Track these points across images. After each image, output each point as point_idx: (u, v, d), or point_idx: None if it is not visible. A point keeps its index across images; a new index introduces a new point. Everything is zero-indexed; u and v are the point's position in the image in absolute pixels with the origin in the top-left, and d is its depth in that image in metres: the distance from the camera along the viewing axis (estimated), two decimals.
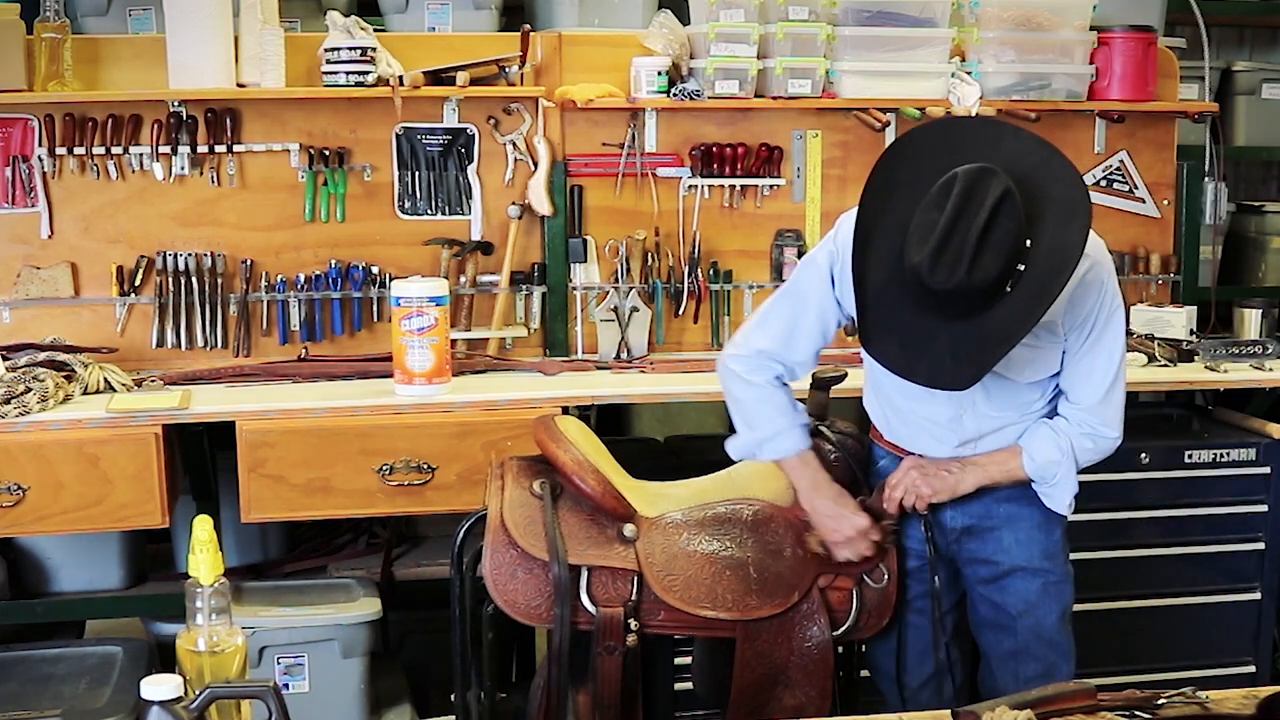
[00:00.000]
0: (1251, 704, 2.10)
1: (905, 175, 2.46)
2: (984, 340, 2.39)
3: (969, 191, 2.33)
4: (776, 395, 2.70)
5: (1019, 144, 2.48)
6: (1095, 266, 2.55)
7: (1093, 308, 2.56)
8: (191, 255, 3.75)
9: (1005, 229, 2.32)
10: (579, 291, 3.94)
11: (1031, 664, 2.73)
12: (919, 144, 2.52)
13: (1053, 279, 2.37)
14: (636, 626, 2.67)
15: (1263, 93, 4.74)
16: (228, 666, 1.95)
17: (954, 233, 2.31)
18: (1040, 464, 2.65)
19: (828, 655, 2.70)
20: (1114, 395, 2.64)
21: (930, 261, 2.33)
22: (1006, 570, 2.74)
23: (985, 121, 2.69)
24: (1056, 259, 2.37)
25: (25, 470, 3.18)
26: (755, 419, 2.72)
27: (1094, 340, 2.59)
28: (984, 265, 2.32)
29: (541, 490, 2.74)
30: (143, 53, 3.67)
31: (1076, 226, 2.39)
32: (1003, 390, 2.63)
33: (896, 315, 2.44)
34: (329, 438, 3.32)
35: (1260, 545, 3.75)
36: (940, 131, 2.57)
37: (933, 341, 2.41)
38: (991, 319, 2.38)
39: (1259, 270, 4.65)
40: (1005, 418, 2.67)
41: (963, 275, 2.31)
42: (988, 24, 3.92)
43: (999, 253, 2.32)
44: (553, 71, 3.90)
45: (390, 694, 3.65)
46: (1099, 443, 2.66)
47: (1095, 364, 2.60)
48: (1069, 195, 2.42)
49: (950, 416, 2.67)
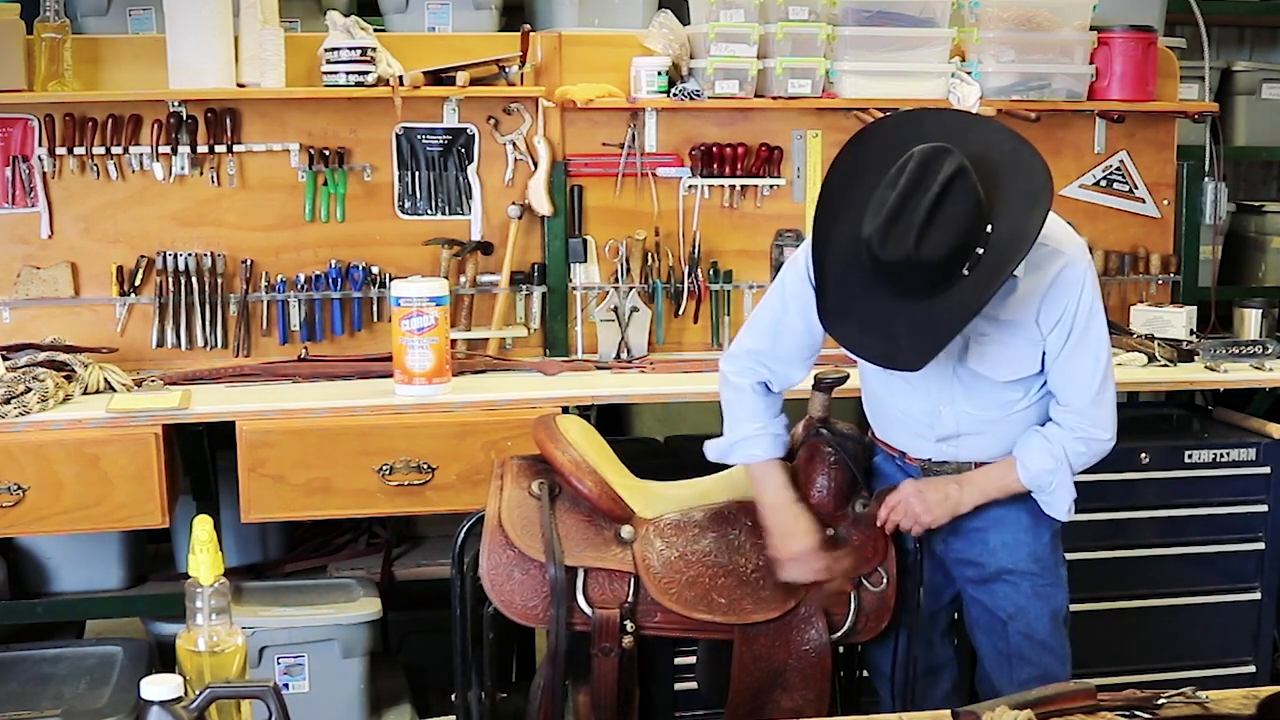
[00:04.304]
0: (1251, 704, 2.10)
1: (872, 161, 2.47)
2: (937, 322, 2.40)
3: (923, 167, 2.35)
4: (754, 400, 2.71)
5: (988, 134, 2.50)
6: (1070, 266, 2.54)
7: (1068, 307, 2.55)
8: (191, 255, 3.75)
9: (957, 205, 2.33)
10: (579, 291, 3.94)
11: (1025, 667, 2.72)
12: (885, 131, 2.54)
13: (1005, 262, 2.37)
14: (632, 628, 2.67)
15: (1263, 93, 4.75)
16: (228, 666, 1.95)
17: (905, 206, 2.33)
18: (1035, 473, 2.65)
19: (826, 659, 2.70)
20: (1103, 396, 2.62)
21: (880, 234, 2.34)
22: (994, 573, 2.74)
23: (958, 113, 2.70)
24: (1013, 244, 2.37)
25: (25, 470, 3.18)
26: (731, 421, 2.74)
27: (1076, 341, 2.57)
28: (933, 239, 2.33)
29: (540, 491, 2.74)
30: (143, 53, 3.67)
31: (1036, 213, 2.39)
32: (981, 388, 2.63)
33: (855, 297, 2.46)
34: (329, 438, 3.32)
35: (1260, 545, 3.75)
36: (909, 119, 2.58)
37: (889, 322, 2.43)
38: (946, 300, 2.38)
39: (1259, 270, 4.65)
40: (986, 416, 2.66)
41: (910, 247, 2.32)
42: (988, 24, 3.92)
43: (950, 229, 2.33)
44: (553, 71, 3.90)
45: (390, 694, 3.65)
46: (1091, 446, 2.65)
47: (1081, 365, 2.59)
48: (1032, 184, 2.42)
49: (927, 411, 2.68)
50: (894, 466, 2.81)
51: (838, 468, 2.76)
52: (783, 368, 2.73)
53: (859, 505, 2.76)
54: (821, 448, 2.77)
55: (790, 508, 2.70)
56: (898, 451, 2.79)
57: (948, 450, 2.71)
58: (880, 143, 2.50)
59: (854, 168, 2.50)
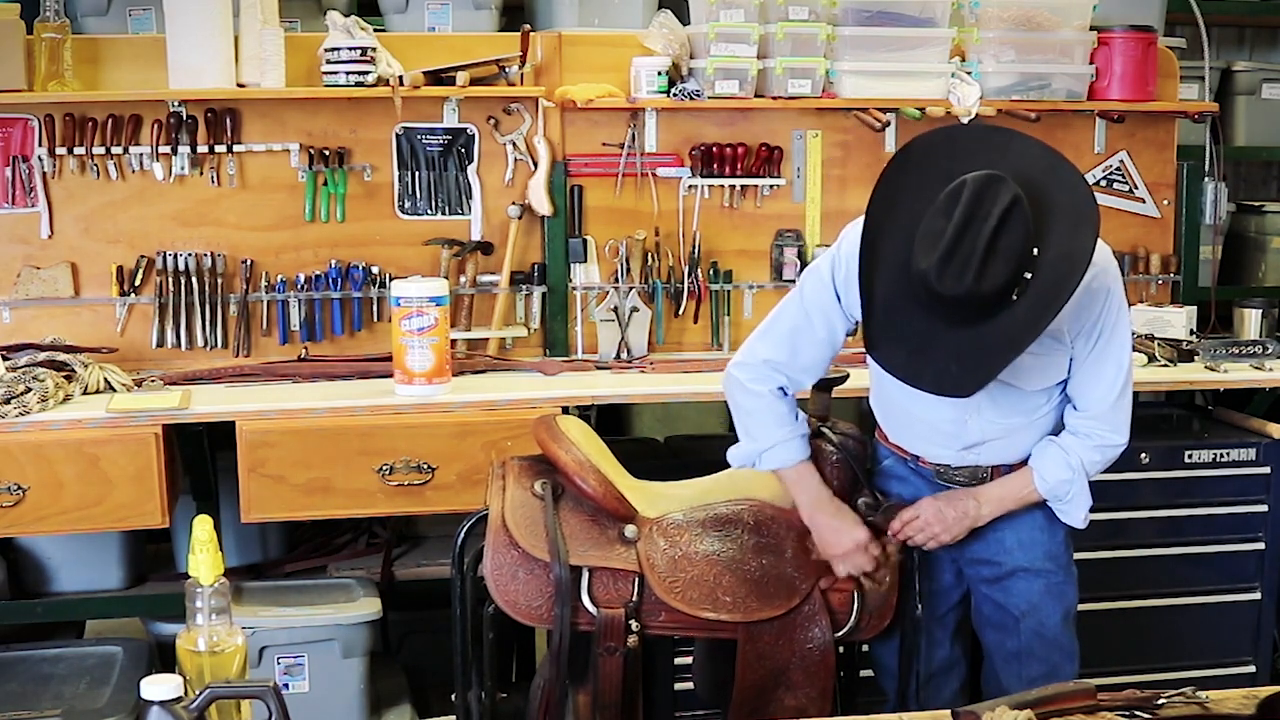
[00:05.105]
0: (1251, 704, 2.10)
1: (912, 182, 2.45)
2: (989, 348, 2.39)
3: (978, 198, 2.32)
4: (777, 405, 2.70)
5: (1024, 150, 2.47)
6: (1100, 273, 2.53)
7: (1098, 315, 2.55)
8: (191, 255, 3.75)
9: (1013, 236, 2.32)
10: (579, 291, 3.94)
11: (1035, 665, 2.72)
12: (924, 151, 2.51)
13: (1059, 287, 2.36)
14: (637, 627, 2.66)
15: (1263, 93, 4.74)
16: (228, 666, 1.95)
17: (963, 240, 2.31)
18: (1052, 484, 2.66)
19: (829, 657, 2.70)
20: (1123, 401, 2.63)
21: (938, 268, 2.32)
22: (1009, 571, 2.74)
23: (991, 129, 2.68)
24: (1063, 267, 2.36)
25: (25, 470, 3.18)
26: (755, 429, 2.71)
27: (1101, 347, 2.58)
28: (992, 272, 2.31)
29: (543, 491, 2.73)
30: (143, 53, 3.67)
31: (1084, 234, 2.38)
32: (1009, 397, 2.63)
33: (903, 322, 2.44)
34: (329, 438, 3.32)
35: (1260, 545, 3.75)
36: (945, 138, 2.57)
37: (938, 349, 2.41)
38: (997, 326, 2.37)
39: (1259, 270, 4.65)
40: (1011, 424, 2.66)
41: (971, 282, 2.30)
42: (988, 24, 3.92)
43: (1007, 260, 2.32)
44: (553, 71, 3.90)
45: (390, 694, 3.65)
46: (1106, 453, 2.66)
47: (1104, 371, 2.60)
48: (1075, 203, 2.41)
49: (954, 421, 2.67)
50: (907, 469, 2.81)
51: (839, 467, 2.76)
52: (800, 376, 2.72)
53: (860, 505, 2.76)
54: (823, 447, 2.77)
55: (832, 504, 2.71)
56: (911, 455, 2.78)
57: (971, 457, 2.71)
58: (919, 162, 2.48)
59: (896, 190, 2.47)
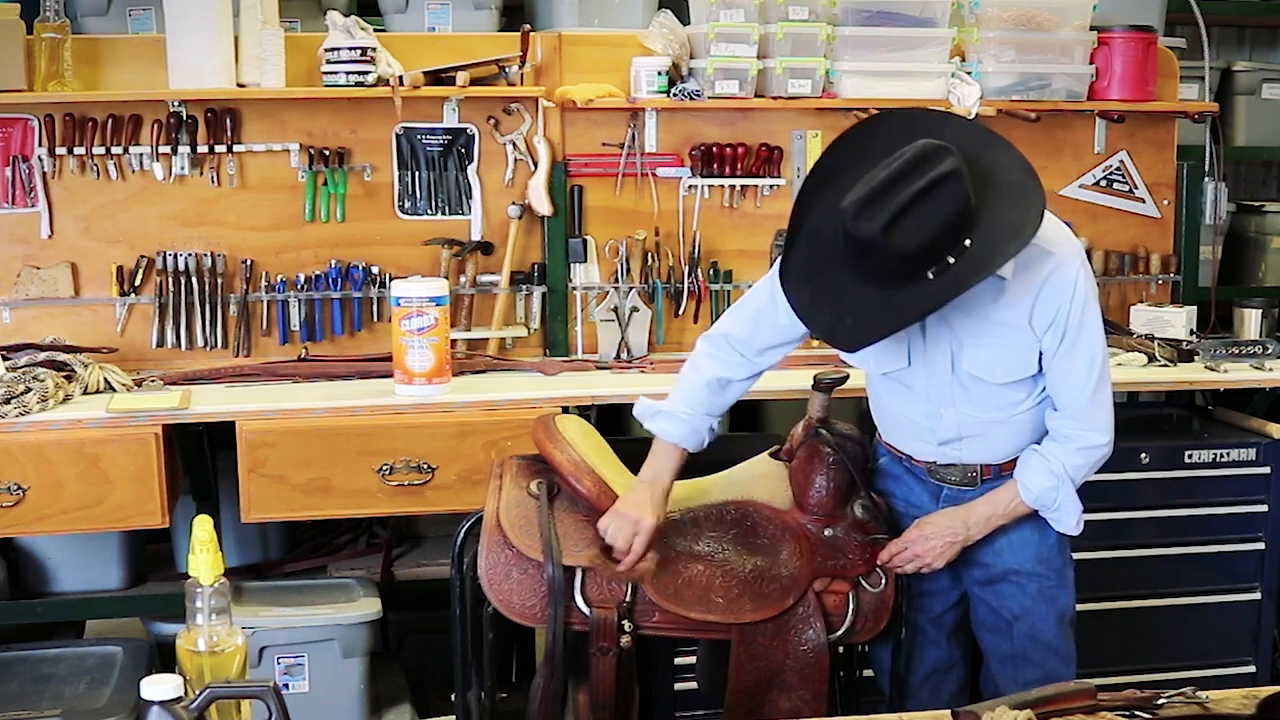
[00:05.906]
0: (1251, 704, 2.10)
1: (879, 145, 2.46)
2: (888, 310, 2.40)
3: (920, 158, 2.35)
4: (702, 390, 2.75)
5: (1004, 158, 2.48)
6: (1062, 266, 2.52)
7: (1061, 308, 2.53)
8: (191, 255, 3.75)
9: (940, 205, 2.33)
10: (579, 291, 3.94)
11: (1030, 668, 2.72)
12: (901, 122, 2.53)
13: (970, 275, 2.37)
14: (630, 628, 2.66)
15: (1263, 93, 4.74)
16: (228, 666, 1.95)
17: (891, 188, 2.33)
18: (1037, 493, 2.65)
19: (824, 659, 2.69)
20: (1099, 398, 2.61)
21: (857, 207, 2.34)
22: (1000, 573, 2.74)
23: (981, 129, 2.66)
24: (982, 263, 2.37)
25: (25, 470, 3.18)
26: (673, 393, 2.78)
27: (1070, 342, 2.56)
28: (904, 228, 2.32)
29: (538, 490, 2.74)
30: (143, 53, 3.67)
31: (1012, 244, 2.38)
32: (981, 391, 2.63)
33: (819, 267, 2.47)
34: (329, 438, 3.32)
35: (1260, 545, 3.75)
36: (932, 120, 2.57)
37: (842, 299, 2.43)
38: (904, 295, 2.38)
39: (1259, 270, 4.65)
40: (988, 418, 2.65)
41: (880, 227, 2.31)
42: (988, 24, 3.92)
43: (924, 224, 2.32)
44: (553, 71, 3.90)
45: (390, 694, 3.65)
46: (1089, 455, 2.63)
47: (1076, 365, 2.58)
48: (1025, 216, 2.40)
49: (928, 415, 2.67)
50: (901, 468, 2.81)
51: (836, 468, 2.76)
52: (757, 357, 2.75)
53: (858, 507, 2.76)
54: (821, 448, 2.77)
55: (659, 486, 2.70)
56: (904, 454, 2.79)
57: (951, 453, 2.70)
58: (895, 131, 2.49)
59: (862, 147, 2.50)
